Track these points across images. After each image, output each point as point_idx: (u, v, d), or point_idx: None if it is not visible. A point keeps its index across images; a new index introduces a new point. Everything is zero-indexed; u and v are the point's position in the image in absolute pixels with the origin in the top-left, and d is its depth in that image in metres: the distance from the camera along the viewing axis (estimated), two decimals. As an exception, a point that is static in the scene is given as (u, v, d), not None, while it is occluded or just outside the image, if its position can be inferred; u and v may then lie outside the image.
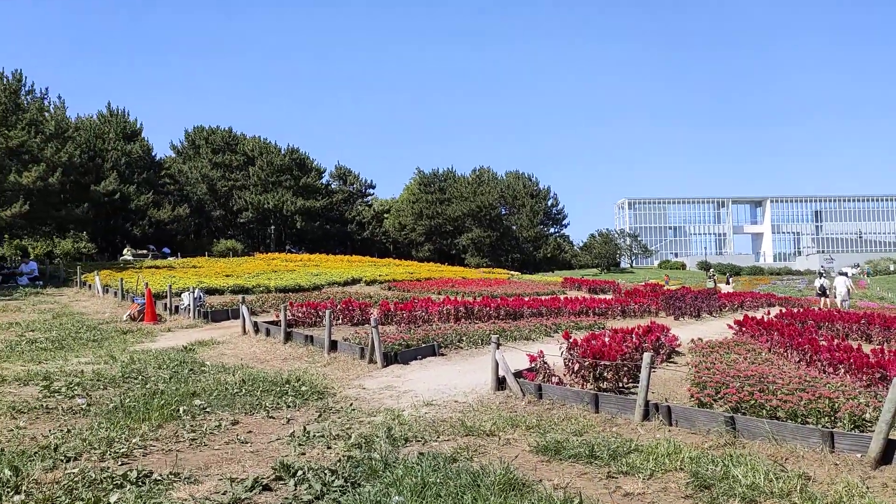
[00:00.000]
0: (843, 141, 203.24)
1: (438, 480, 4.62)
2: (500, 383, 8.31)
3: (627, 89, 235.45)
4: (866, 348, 9.92)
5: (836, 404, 6.25)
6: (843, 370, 8.49)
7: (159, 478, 4.82)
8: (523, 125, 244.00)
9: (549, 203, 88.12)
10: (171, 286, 19.58)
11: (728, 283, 46.97)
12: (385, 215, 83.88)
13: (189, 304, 16.79)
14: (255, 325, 13.70)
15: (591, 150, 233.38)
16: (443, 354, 11.16)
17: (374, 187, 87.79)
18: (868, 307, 27.12)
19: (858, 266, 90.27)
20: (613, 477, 5.00)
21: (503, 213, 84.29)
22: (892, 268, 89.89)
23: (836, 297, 26.47)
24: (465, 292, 24.29)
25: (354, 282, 28.19)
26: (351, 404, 7.59)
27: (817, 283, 27.23)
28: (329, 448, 5.72)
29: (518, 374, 8.24)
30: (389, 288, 26.71)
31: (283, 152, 71.84)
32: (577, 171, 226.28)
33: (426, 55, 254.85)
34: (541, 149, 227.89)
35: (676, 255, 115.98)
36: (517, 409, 7.38)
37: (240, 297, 16.68)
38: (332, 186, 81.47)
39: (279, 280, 25.10)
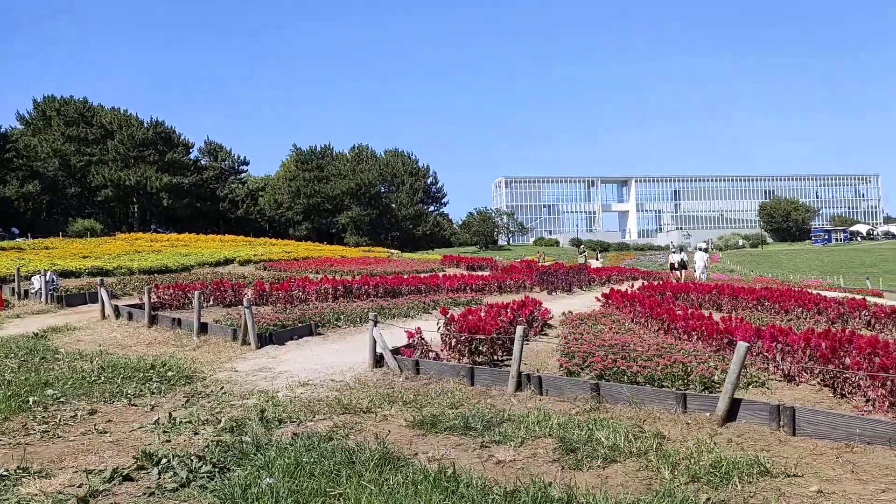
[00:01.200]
0: (702, 123, 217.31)
1: (312, 460, 4.57)
2: (378, 361, 8.32)
3: (503, 70, 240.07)
4: (717, 316, 10.71)
5: (689, 368, 6.73)
6: (695, 337, 9.12)
7: (5, 473, 4.46)
8: (402, 103, 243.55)
9: (429, 181, 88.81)
10: (19, 269, 18.07)
11: (597, 258, 49.43)
12: (260, 193, 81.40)
13: (41, 288, 15.60)
14: (116, 308, 12.93)
15: (469, 129, 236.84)
16: (320, 334, 11.02)
17: (247, 164, 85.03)
18: (720, 279, 29.35)
19: (710, 241, 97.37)
20: (486, 446, 5.13)
21: (383, 191, 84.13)
22: (741, 243, 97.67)
23: (694, 271, 28.55)
24: (345, 271, 24.07)
25: (227, 262, 27.24)
26: (222, 388, 7.35)
27: (673, 257, 29.16)
28: (197, 434, 5.51)
29: (396, 351, 8.28)
30: (265, 268, 26.01)
31: (145, 125, 67.88)
32: (457, 150, 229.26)
33: (300, 29, 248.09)
34: (420, 127, 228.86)
35: (551, 232, 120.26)
36: (395, 385, 7.41)
37: (98, 279, 15.66)
38: (202, 163, 78.07)
39: (143, 261, 23.78)
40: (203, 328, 10.81)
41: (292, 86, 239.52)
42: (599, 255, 54.37)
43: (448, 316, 8.59)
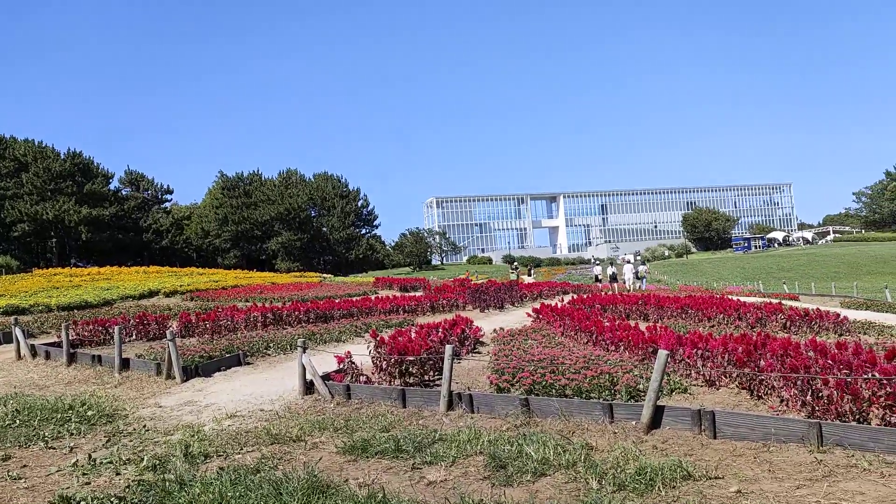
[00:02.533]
0: (626, 138, 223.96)
1: (238, 494, 4.45)
2: (309, 388, 8.19)
3: (429, 90, 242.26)
4: (643, 326, 11.02)
5: (615, 378, 6.88)
6: (622, 347, 9.35)
7: None
8: (330, 127, 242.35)
9: (360, 204, 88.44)
10: (-74, 311, 17.04)
11: (530, 274, 50.04)
12: (186, 222, 79.36)
13: (-50, 331, 14.73)
14: (33, 348, 12.33)
15: (399, 150, 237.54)
16: (249, 363, 10.78)
17: (171, 193, 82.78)
18: (648, 289, 30.20)
19: (638, 253, 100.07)
20: (418, 468, 5.11)
21: (313, 215, 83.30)
22: (667, 253, 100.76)
23: (625, 283, 29.56)
24: (275, 298, 23.64)
25: (152, 294, 26.37)
26: (145, 425, 7.09)
27: (594, 270, 30.13)
28: (118, 474, 5.29)
29: (326, 377, 8.17)
30: (192, 298, 25.30)
31: (62, 157, 65.35)
32: (387, 172, 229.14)
33: (224, 54, 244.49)
34: (349, 150, 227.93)
35: (483, 250, 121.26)
36: (325, 411, 7.31)
37: (13, 318, 14.89)
38: (124, 193, 75.61)
39: (62, 297, 22.77)
40: (125, 364, 10.42)
41: (216, 113, 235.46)
42: (532, 270, 55.09)
43: (378, 338, 8.55)
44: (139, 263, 60.12)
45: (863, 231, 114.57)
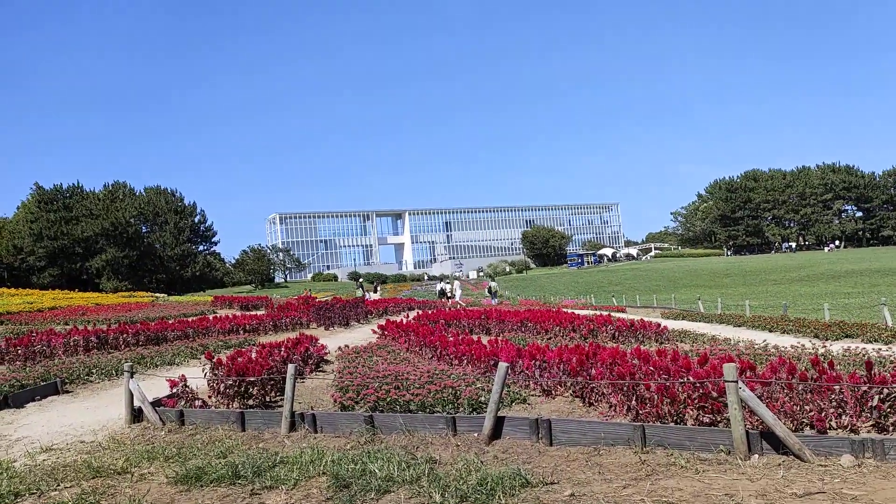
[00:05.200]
0: (469, 159, 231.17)
1: (53, 535, 4.03)
2: (137, 415, 7.63)
3: (271, 104, 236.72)
4: (485, 340, 11.33)
5: (458, 392, 7.01)
6: (465, 361, 9.55)
7: None
8: (162, 138, 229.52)
9: (197, 219, 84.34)
10: None
11: (376, 291, 50.00)
12: (-5, 238, 71.64)
13: None
14: None
15: (238, 165, 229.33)
16: (68, 392, 9.87)
17: (-23, 205, 74.37)
18: (489, 304, 31.20)
19: (481, 269, 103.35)
20: (257, 493, 4.91)
21: (144, 230, 78.22)
22: (508, 269, 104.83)
23: (456, 298, 30.47)
24: (100, 320, 21.88)
25: (-48, 318, 23.49)
26: (-60, 465, 6.26)
27: (439, 286, 30.87)
28: None
29: (157, 403, 7.65)
30: (2, 322, 22.83)
31: None
32: (226, 187, 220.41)
33: (44, 58, 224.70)
34: (185, 164, 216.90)
35: (328, 267, 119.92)
36: (156, 440, 6.83)
37: None
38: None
39: None
40: (-84, 398, 9.16)
41: (32, 122, 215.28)
42: (378, 287, 55.12)
43: (215, 360, 8.14)
44: (-63, 284, 53.42)
45: (679, 248, 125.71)
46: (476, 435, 6.04)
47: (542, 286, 64.05)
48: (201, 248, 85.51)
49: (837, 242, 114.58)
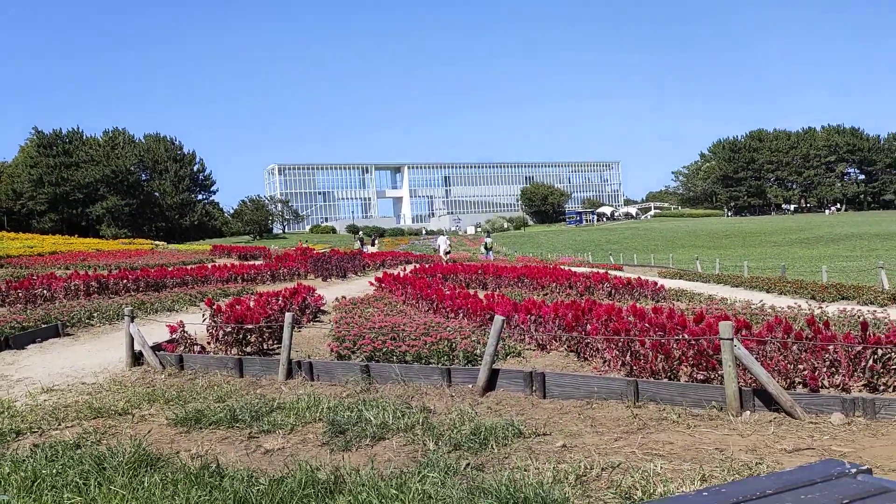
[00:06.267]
0: (467, 113, 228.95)
1: (55, 471, 4.11)
2: (137, 359, 7.73)
3: (269, 54, 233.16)
4: (481, 294, 11.39)
5: (454, 344, 7.07)
6: (461, 314, 9.61)
7: None
8: (163, 85, 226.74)
9: (196, 168, 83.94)
10: None
11: (373, 244, 50.07)
12: (-6, 182, 71.34)
13: None
14: None
15: (238, 114, 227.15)
16: (70, 335, 9.97)
17: (-25, 148, 73.86)
18: (486, 260, 31.28)
19: (480, 225, 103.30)
20: (255, 437, 4.99)
21: (144, 178, 77.86)
22: (506, 225, 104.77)
23: (441, 254, 30.72)
24: (100, 266, 21.95)
25: (-48, 260, 23.55)
26: (-58, 403, 6.34)
27: (438, 241, 31.11)
28: None
29: (157, 347, 7.73)
30: (1, 265, 22.88)
31: None
32: (225, 136, 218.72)
33: (43, 4, 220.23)
34: (184, 112, 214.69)
35: (326, 219, 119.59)
36: (156, 383, 6.92)
37: None
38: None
39: None
40: (-83, 337, 9.25)
41: (31, 64, 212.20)
42: (375, 240, 55.16)
43: (215, 307, 8.20)
44: (-65, 226, 53.38)
45: (679, 208, 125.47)
46: (471, 386, 6.11)
47: (540, 243, 64.08)
48: (200, 197, 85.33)
49: (839, 205, 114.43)
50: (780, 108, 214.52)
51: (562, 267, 22.45)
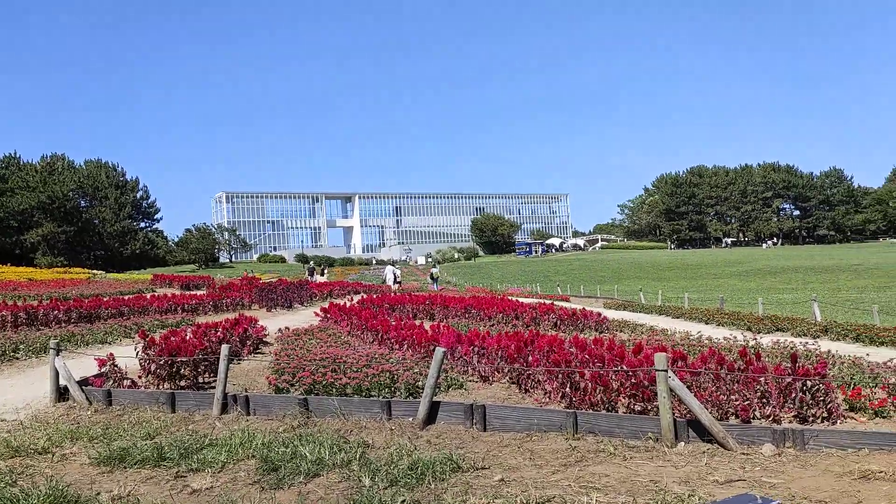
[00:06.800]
0: (419, 143, 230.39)
1: (-39, 517, 3.86)
2: (63, 394, 7.38)
3: (218, 79, 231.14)
4: (427, 325, 11.32)
5: (396, 376, 6.98)
6: (406, 345, 9.51)
7: None
8: (109, 111, 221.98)
9: (139, 195, 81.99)
10: None
11: (323, 273, 49.58)
12: (-79, 207, 68.23)
13: None
14: None
15: (186, 142, 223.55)
16: (-8, 368, 9.49)
17: None
18: (441, 290, 31.24)
19: (431, 255, 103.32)
20: (182, 476, 4.79)
21: (83, 205, 75.54)
22: (457, 256, 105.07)
23: (389, 284, 30.71)
24: (31, 296, 21.08)
25: None
26: None
27: (384, 272, 31.19)
28: None
29: (84, 382, 7.41)
30: (-76, 295, 21.79)
31: None
32: (173, 164, 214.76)
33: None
34: (130, 139, 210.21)
35: (275, 248, 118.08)
36: (81, 419, 6.62)
37: None
38: None
39: None
40: None
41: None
42: (325, 270, 54.65)
43: (148, 339, 7.92)
44: None
45: (625, 240, 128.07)
46: (411, 420, 6.01)
47: (490, 274, 64.40)
48: (143, 224, 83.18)
49: (776, 239, 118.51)
50: (720, 144, 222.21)
51: (510, 298, 22.55)
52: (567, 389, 6.15)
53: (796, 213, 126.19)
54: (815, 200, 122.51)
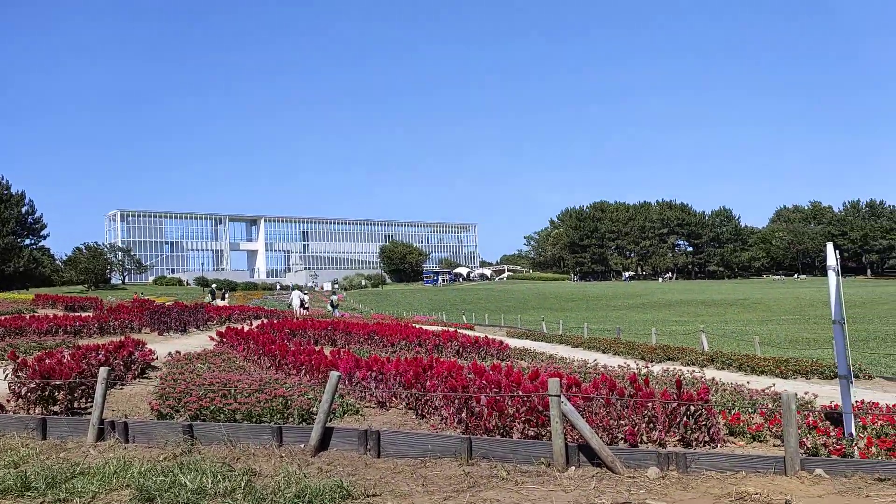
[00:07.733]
0: (328, 168, 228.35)
1: None
2: (-82, 420, 6.72)
3: (115, 95, 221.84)
4: (328, 351, 11.08)
5: (289, 401, 6.76)
6: (304, 371, 9.28)
7: None
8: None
9: (24, 210, 77.14)
10: None
11: (224, 298, 48.04)
12: None
13: None
14: None
15: (80, 157, 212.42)
16: None
17: None
18: (342, 317, 30.82)
19: (338, 281, 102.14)
20: (47, 508, 4.43)
21: (-39, 219, 70.38)
22: (364, 283, 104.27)
23: (294, 310, 30.27)
24: None
25: None
26: None
27: (290, 297, 30.80)
28: None
29: (-56, 407, 6.79)
30: None
31: None
32: (62, 179, 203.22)
33: None
34: (14, 150, 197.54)
35: (174, 271, 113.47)
36: (-64, 449, 6.03)
37: None
38: None
39: None
40: None
41: None
42: (226, 294, 52.94)
43: (19, 360, 7.36)
44: None
45: (531, 271, 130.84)
46: (302, 446, 5.82)
47: (398, 301, 64.20)
48: (28, 241, 78.27)
49: (671, 274, 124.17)
50: (622, 180, 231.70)
51: (414, 325, 22.48)
52: (463, 415, 6.13)
53: (689, 249, 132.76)
54: (706, 237, 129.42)
